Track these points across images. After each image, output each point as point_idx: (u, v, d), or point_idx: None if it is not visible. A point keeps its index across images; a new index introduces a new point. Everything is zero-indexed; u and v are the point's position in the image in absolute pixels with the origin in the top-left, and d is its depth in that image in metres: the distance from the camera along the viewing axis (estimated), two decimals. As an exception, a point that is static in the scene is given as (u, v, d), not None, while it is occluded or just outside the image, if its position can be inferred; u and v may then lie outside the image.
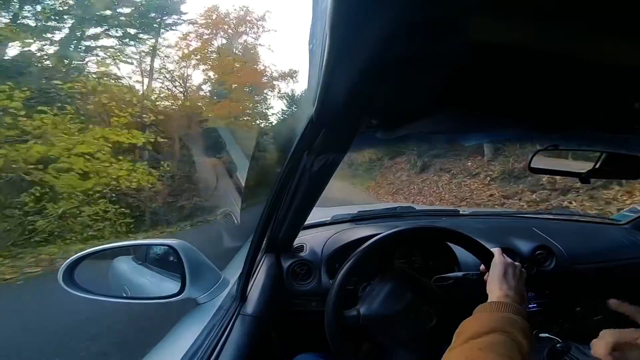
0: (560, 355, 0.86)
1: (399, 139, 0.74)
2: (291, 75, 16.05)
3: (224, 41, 15.08)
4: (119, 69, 11.38)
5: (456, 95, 0.49)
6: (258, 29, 15.45)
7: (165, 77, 13.36)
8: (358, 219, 1.62)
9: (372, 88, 0.43)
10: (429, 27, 0.29)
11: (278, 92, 16.87)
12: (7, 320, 3.29)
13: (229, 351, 0.71)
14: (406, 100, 0.52)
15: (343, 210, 1.73)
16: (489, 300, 0.74)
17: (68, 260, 0.92)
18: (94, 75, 9.92)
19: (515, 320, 0.64)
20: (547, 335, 1.02)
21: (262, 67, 15.83)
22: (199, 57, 14.01)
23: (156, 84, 12.98)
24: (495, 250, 0.92)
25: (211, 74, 14.80)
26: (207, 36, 14.48)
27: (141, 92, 11.62)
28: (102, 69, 10.48)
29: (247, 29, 15.45)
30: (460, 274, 1.06)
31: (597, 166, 1.01)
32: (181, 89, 13.92)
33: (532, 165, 1.13)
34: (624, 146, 0.94)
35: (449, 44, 0.33)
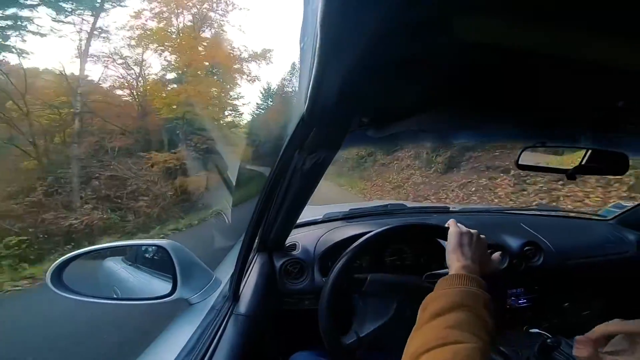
0: (550, 350, 0.88)
1: (390, 137, 0.75)
2: (265, 56, 13.58)
3: (184, 18, 12.65)
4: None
5: (446, 94, 0.50)
6: (227, 6, 13.12)
7: (114, 61, 11.36)
8: (350, 217, 1.63)
9: (362, 87, 0.44)
10: (418, 26, 0.30)
11: (250, 77, 14.13)
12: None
13: (222, 351, 0.71)
14: (397, 98, 0.52)
15: (335, 209, 1.74)
16: (448, 275, 0.73)
17: (56, 262, 0.90)
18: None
19: (476, 294, 0.64)
20: (537, 330, 1.04)
21: (231, 49, 13.38)
22: (153, 37, 11.84)
23: (109, 72, 11.44)
24: (450, 222, 0.91)
25: (169, 56, 12.40)
26: (165, 14, 12.09)
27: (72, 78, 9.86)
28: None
29: (213, 5, 12.95)
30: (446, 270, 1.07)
31: (583, 163, 1.03)
32: (134, 76, 12.05)
33: (520, 162, 1.15)
34: (609, 143, 0.96)
35: (437, 44, 0.33)
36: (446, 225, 0.92)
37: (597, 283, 1.45)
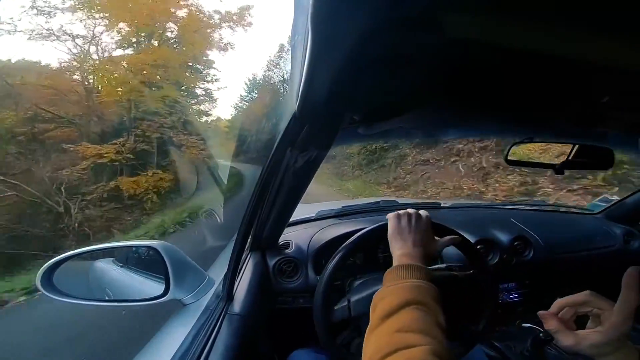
0: (543, 344, 0.89)
1: (380, 134, 0.75)
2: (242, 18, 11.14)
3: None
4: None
5: (435, 91, 0.50)
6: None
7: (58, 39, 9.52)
8: (342, 214, 1.63)
9: (353, 84, 0.44)
10: (408, 23, 0.30)
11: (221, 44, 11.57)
12: None
13: (218, 352, 0.71)
14: (387, 96, 0.52)
15: (328, 207, 1.74)
16: (392, 267, 0.70)
17: (47, 264, 0.89)
18: None
19: (422, 287, 0.62)
20: (529, 325, 1.06)
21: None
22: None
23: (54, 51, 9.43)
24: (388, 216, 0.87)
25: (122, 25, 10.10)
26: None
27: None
28: None
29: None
30: (442, 266, 1.08)
31: (570, 158, 1.05)
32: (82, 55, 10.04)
33: (509, 157, 1.17)
34: (596, 138, 0.98)
35: (427, 41, 0.33)
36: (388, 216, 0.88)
37: (585, 276, 1.48)
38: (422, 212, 0.85)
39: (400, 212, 0.83)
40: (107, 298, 1.09)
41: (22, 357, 2.92)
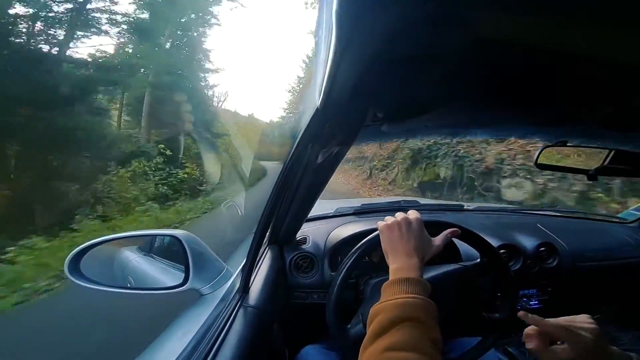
0: None
1: (404, 132, 0.74)
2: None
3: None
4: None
5: (462, 90, 0.48)
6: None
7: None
8: (361, 212, 1.62)
9: (377, 81, 0.43)
10: (434, 21, 0.29)
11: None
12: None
13: (230, 342, 0.72)
14: (412, 94, 0.51)
15: (346, 204, 1.73)
16: (387, 282, 0.68)
17: (74, 251, 0.92)
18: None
19: (417, 304, 0.60)
20: None
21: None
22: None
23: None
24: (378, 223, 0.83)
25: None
26: None
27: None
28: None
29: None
30: (459, 265, 1.06)
31: (605, 163, 0.99)
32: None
33: (540, 161, 1.12)
34: (633, 144, 0.92)
35: (454, 39, 0.32)
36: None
37: (612, 286, 1.42)
38: (410, 213, 0.81)
39: (389, 221, 0.79)
40: (129, 285, 1.13)
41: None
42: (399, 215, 0.80)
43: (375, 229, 0.96)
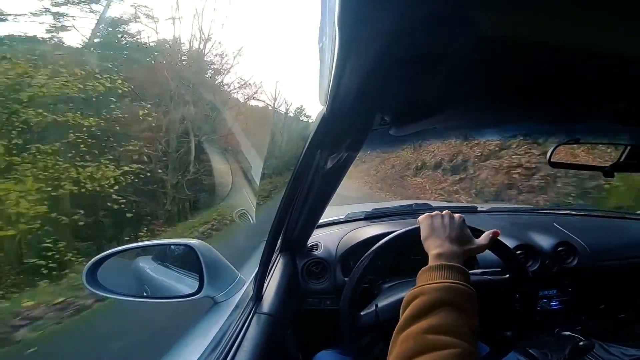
0: (583, 353, 0.84)
1: (412, 135, 0.73)
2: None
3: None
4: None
5: (470, 91, 0.48)
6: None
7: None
8: (373, 216, 1.61)
9: (383, 85, 0.43)
10: (438, 22, 0.29)
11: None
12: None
13: (245, 349, 0.72)
14: (419, 97, 0.51)
15: (357, 208, 1.73)
16: (426, 266, 0.67)
17: (91, 261, 0.95)
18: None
19: (457, 288, 0.58)
20: (569, 333, 1.00)
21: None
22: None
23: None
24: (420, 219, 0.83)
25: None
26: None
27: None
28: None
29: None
30: (478, 271, 1.04)
31: (621, 159, 0.97)
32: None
33: (553, 159, 1.10)
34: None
35: (458, 39, 0.32)
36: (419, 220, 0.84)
37: (635, 285, 1.37)
38: (456, 215, 0.81)
39: (432, 213, 0.79)
40: (145, 294, 1.14)
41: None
42: (444, 211, 0.80)
43: (388, 233, 0.96)
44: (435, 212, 0.80)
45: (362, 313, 0.91)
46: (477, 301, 0.59)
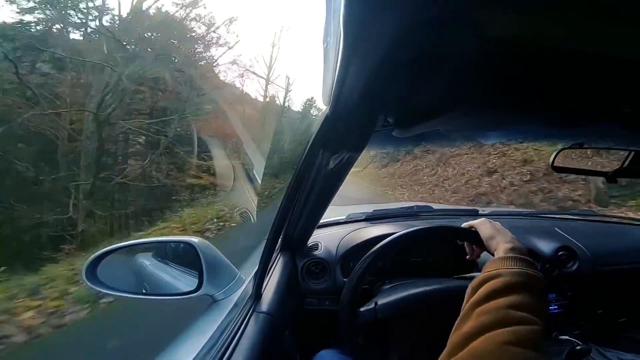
0: (579, 357, 0.84)
1: (415, 137, 0.73)
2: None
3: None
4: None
5: (473, 93, 0.48)
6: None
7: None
8: (374, 217, 1.61)
9: (386, 86, 0.43)
10: (443, 23, 0.29)
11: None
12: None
13: (243, 347, 0.72)
14: (422, 98, 0.51)
15: (359, 209, 1.72)
16: (497, 256, 0.70)
17: (91, 257, 0.95)
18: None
19: (533, 275, 0.61)
20: (566, 337, 0.99)
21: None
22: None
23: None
24: (469, 223, 0.88)
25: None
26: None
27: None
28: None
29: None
30: (479, 274, 1.04)
31: (625, 165, 0.97)
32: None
33: (556, 164, 1.10)
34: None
35: (463, 40, 0.32)
36: (464, 225, 0.88)
37: (636, 290, 1.37)
38: None
39: (488, 219, 0.85)
40: (144, 291, 1.14)
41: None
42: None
43: (389, 234, 0.96)
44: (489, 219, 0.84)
45: (361, 309, 0.92)
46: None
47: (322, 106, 0.57)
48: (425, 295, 0.96)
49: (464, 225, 0.88)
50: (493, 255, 0.75)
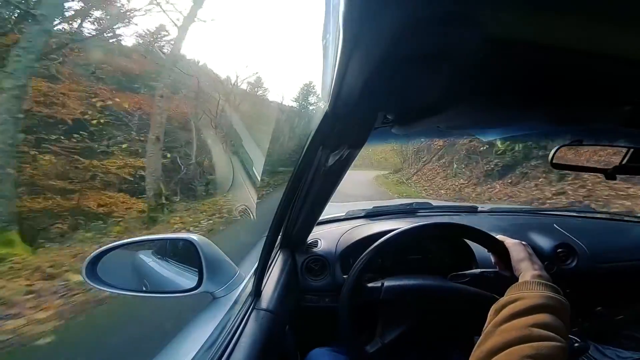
0: (577, 354, 0.84)
1: (415, 134, 0.73)
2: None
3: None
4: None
5: (474, 91, 0.48)
6: None
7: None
8: (373, 214, 1.62)
9: (386, 83, 0.43)
10: (442, 21, 0.29)
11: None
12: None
13: (243, 344, 0.72)
14: (422, 95, 0.51)
15: (358, 206, 1.73)
16: (522, 281, 0.72)
17: (90, 255, 0.94)
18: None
19: (559, 300, 0.63)
20: None
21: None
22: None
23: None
24: (503, 238, 0.90)
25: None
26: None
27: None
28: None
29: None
30: (477, 271, 1.04)
31: (623, 162, 0.97)
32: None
33: (555, 161, 1.10)
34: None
35: (463, 38, 0.32)
36: (499, 238, 0.90)
37: (634, 288, 1.37)
38: None
39: (521, 242, 0.87)
40: (144, 289, 1.14)
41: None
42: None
43: (388, 231, 0.96)
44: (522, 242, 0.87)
45: (368, 285, 0.92)
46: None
47: (321, 103, 0.57)
48: (430, 289, 0.98)
49: (499, 237, 0.90)
50: (517, 277, 0.78)
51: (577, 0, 0.26)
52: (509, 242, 0.87)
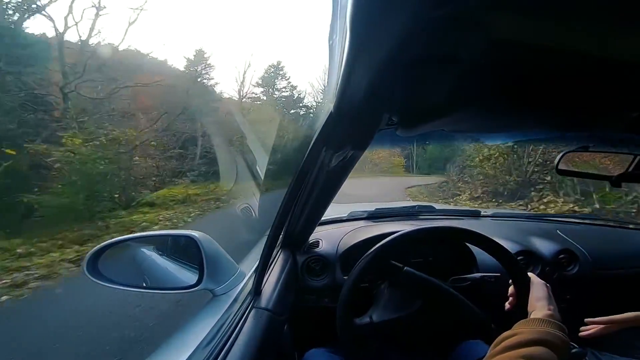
0: None
1: (419, 137, 0.73)
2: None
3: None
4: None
5: (479, 94, 0.48)
6: None
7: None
8: (375, 216, 1.61)
9: (392, 85, 0.43)
10: (450, 24, 0.29)
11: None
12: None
13: (241, 342, 0.72)
14: (427, 98, 0.51)
15: (360, 207, 1.72)
16: (532, 317, 0.74)
17: (92, 250, 0.95)
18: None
19: (561, 338, 0.64)
20: None
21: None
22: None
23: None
24: (532, 275, 0.90)
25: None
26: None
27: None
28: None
29: None
30: (478, 275, 1.04)
31: (629, 170, 0.96)
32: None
33: (560, 167, 1.09)
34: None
35: (470, 41, 0.32)
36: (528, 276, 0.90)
37: (635, 295, 1.37)
38: None
39: (542, 281, 0.88)
40: (144, 285, 1.14)
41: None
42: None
43: (390, 233, 0.96)
44: (543, 282, 0.88)
45: (357, 321, 0.94)
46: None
47: (326, 102, 0.57)
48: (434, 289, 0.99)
49: (530, 274, 0.90)
50: (527, 313, 0.80)
51: (585, 5, 0.26)
52: (535, 279, 0.88)
